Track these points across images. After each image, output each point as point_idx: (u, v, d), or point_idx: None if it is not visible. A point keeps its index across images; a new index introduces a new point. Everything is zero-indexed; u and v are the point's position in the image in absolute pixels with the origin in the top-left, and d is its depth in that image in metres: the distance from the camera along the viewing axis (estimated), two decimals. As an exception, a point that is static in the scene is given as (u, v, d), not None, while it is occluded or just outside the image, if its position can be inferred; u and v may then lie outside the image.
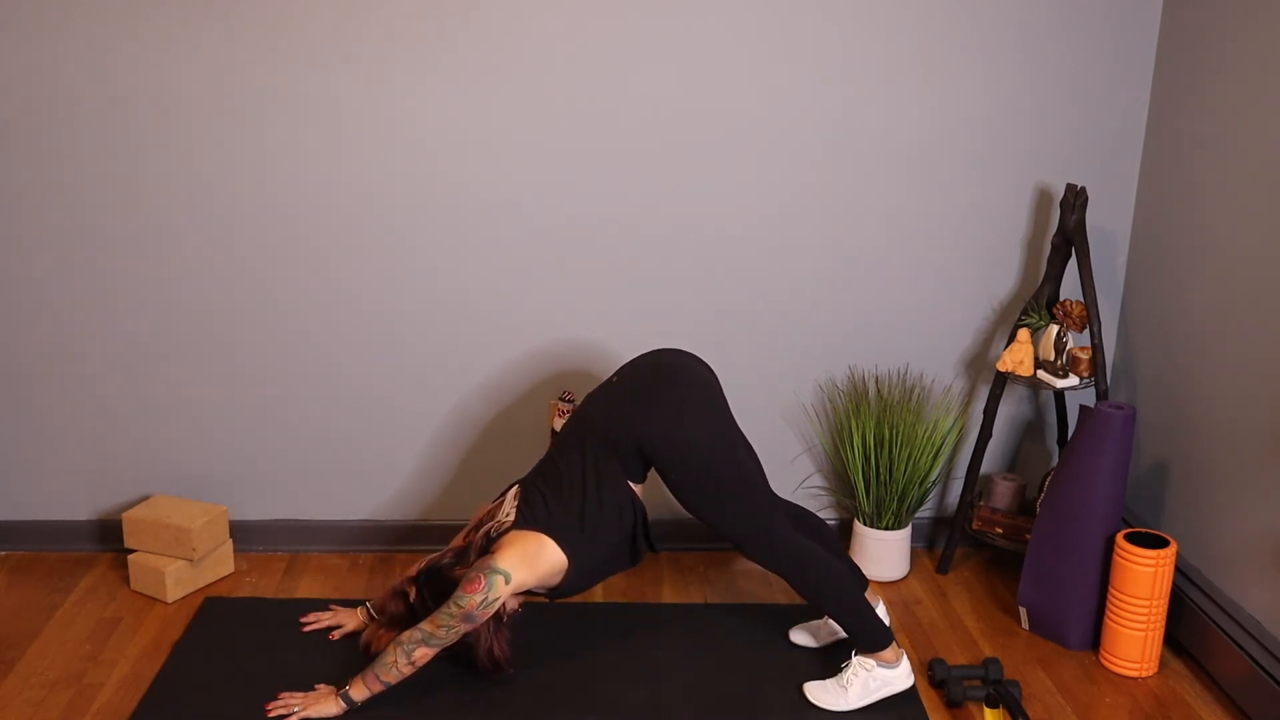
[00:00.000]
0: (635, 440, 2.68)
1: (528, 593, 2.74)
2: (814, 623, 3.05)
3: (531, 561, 2.65)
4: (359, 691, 2.67)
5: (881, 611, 2.99)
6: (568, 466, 2.74)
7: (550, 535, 2.68)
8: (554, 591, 2.74)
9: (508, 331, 3.38)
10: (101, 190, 3.21)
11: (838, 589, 2.75)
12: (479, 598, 2.58)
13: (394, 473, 3.48)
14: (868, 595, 2.99)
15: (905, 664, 2.78)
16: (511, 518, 2.73)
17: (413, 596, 2.79)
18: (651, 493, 3.42)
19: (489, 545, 2.71)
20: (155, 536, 3.23)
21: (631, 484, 2.74)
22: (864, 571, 3.41)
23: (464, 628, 2.61)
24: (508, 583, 2.61)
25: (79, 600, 3.23)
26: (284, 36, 3.11)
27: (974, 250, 3.39)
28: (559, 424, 3.19)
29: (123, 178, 3.20)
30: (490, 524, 2.76)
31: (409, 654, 2.62)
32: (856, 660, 2.77)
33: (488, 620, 2.68)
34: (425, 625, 2.62)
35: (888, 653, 2.76)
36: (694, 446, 2.65)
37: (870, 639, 2.76)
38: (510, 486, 2.85)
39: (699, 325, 3.40)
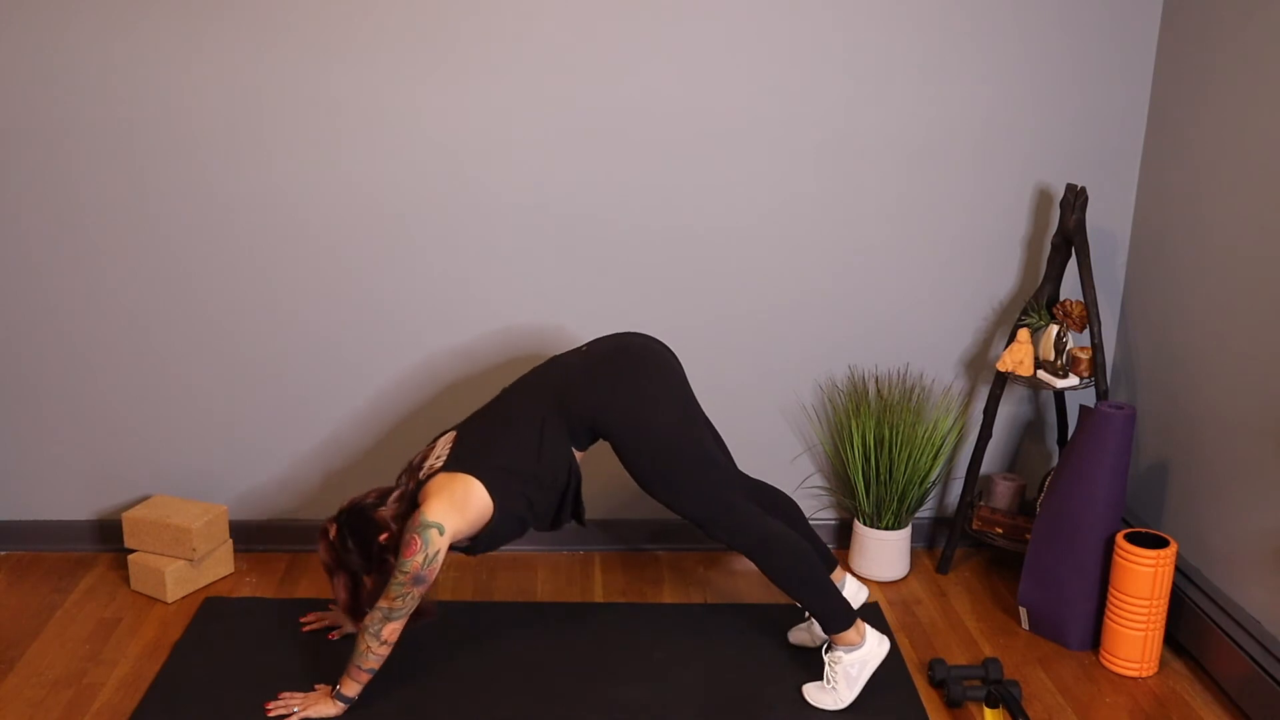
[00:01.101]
0: (591, 417, 2.69)
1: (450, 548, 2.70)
2: (812, 623, 3.05)
3: (460, 505, 2.61)
4: (349, 687, 2.67)
5: (853, 589, 3.00)
6: (512, 417, 2.72)
7: (478, 477, 2.64)
8: (475, 543, 2.69)
9: (509, 331, 3.38)
10: (102, 190, 3.21)
11: (800, 567, 2.73)
12: (420, 558, 2.56)
13: (394, 472, 3.48)
14: (837, 574, 3.02)
15: (872, 636, 2.77)
16: (443, 460, 2.70)
17: (332, 534, 2.73)
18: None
19: (418, 488, 2.68)
20: (155, 536, 3.23)
21: (575, 450, 2.74)
22: (864, 571, 3.41)
23: (419, 590, 2.58)
24: (443, 534, 2.57)
25: (79, 600, 3.23)
26: (285, 35, 3.11)
27: (974, 250, 3.39)
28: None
29: (123, 178, 3.20)
30: (421, 468, 2.73)
31: (378, 635, 2.61)
32: (828, 659, 2.78)
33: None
34: (382, 602, 2.60)
35: (850, 634, 2.74)
36: (653, 431, 2.66)
37: (833, 618, 2.74)
38: (445, 432, 2.84)
39: (699, 324, 3.40)
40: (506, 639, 3.03)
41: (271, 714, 2.69)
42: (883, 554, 3.39)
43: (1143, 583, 2.88)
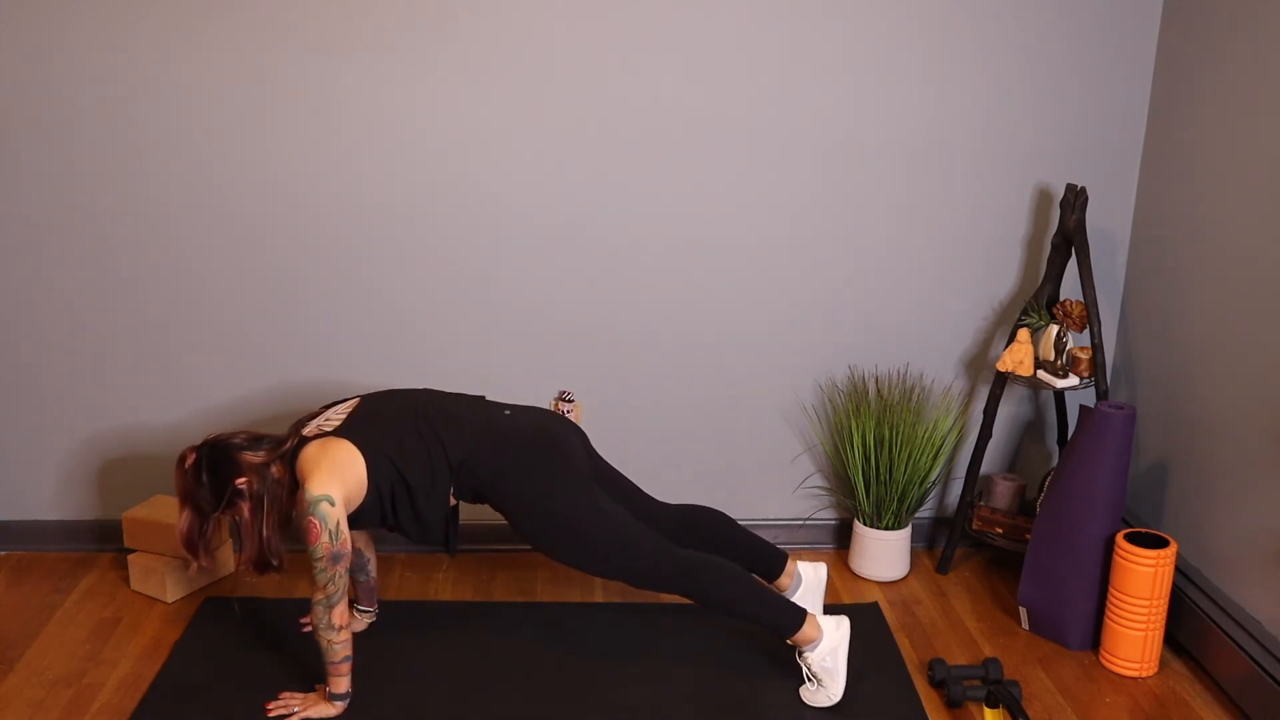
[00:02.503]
0: (488, 485, 2.70)
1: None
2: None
3: (340, 472, 2.57)
4: (336, 684, 2.67)
5: (810, 573, 2.99)
6: (420, 423, 2.70)
7: (362, 451, 2.62)
8: (352, 517, 2.66)
9: (510, 331, 3.38)
10: (102, 190, 3.21)
11: (728, 590, 2.72)
12: (325, 536, 2.53)
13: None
14: (801, 566, 3.00)
15: (826, 623, 2.75)
16: (333, 426, 2.68)
17: (188, 463, 2.64)
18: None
19: (299, 446, 2.64)
20: (155, 536, 3.23)
21: (453, 494, 2.75)
22: (864, 572, 3.41)
23: (341, 568, 2.56)
24: (334, 504, 2.54)
25: (79, 600, 3.23)
26: (285, 35, 3.11)
27: (974, 250, 3.39)
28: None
29: (125, 176, 3.20)
30: (307, 424, 2.71)
31: (329, 625, 2.60)
32: (800, 663, 2.77)
33: (254, 508, 2.62)
34: (316, 595, 2.58)
35: (807, 631, 2.73)
36: (551, 519, 2.68)
37: (781, 624, 2.73)
38: (349, 398, 2.83)
39: (699, 324, 3.40)
40: (506, 639, 3.03)
41: (271, 714, 2.69)
42: (883, 554, 3.39)
43: (1143, 583, 2.88)
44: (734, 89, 3.21)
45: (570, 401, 3.22)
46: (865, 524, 3.40)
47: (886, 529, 3.37)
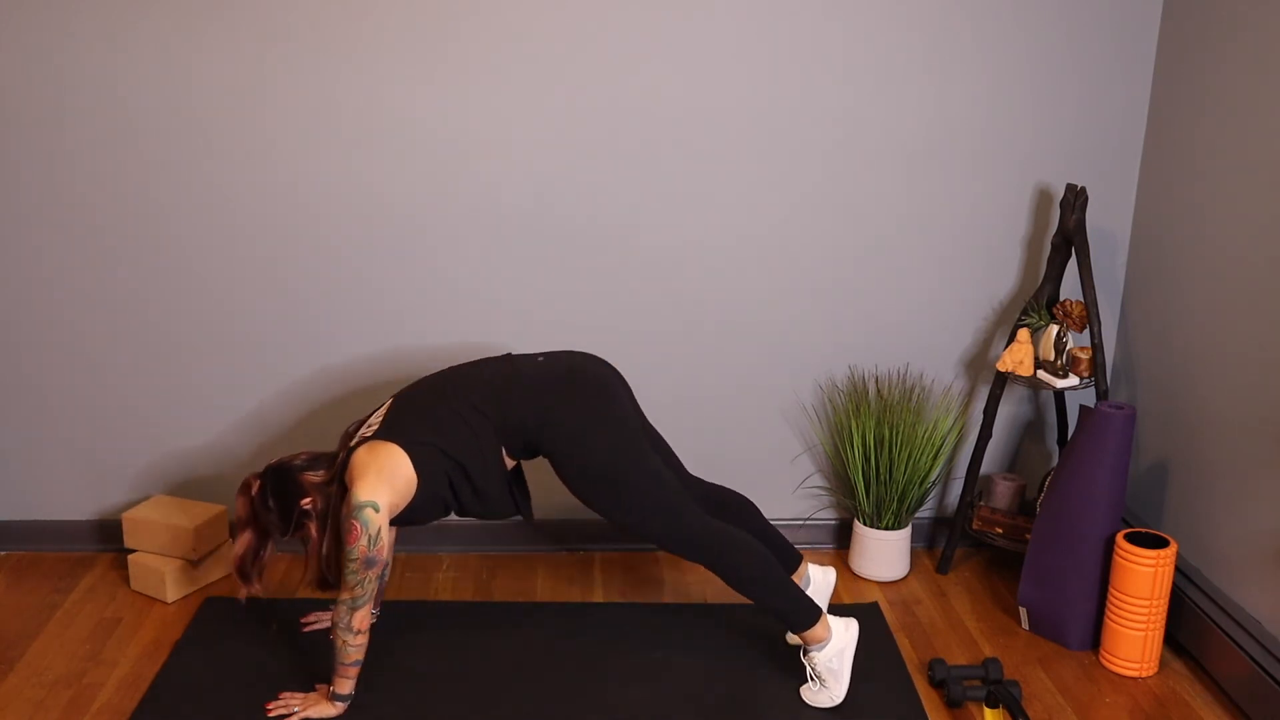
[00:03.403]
0: (532, 433, 2.67)
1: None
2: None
3: (388, 476, 2.58)
4: (341, 685, 2.67)
5: (819, 576, 3.00)
6: (453, 401, 2.69)
7: (404, 448, 2.62)
8: (399, 518, 2.67)
9: (510, 331, 3.38)
10: (102, 190, 3.21)
11: (755, 570, 2.72)
12: (364, 540, 2.53)
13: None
14: (813, 569, 3.01)
15: (836, 624, 2.76)
16: (374, 429, 2.68)
17: (254, 490, 2.69)
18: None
19: (347, 456, 2.65)
20: (155, 536, 3.23)
21: (506, 455, 2.73)
22: (864, 572, 3.41)
23: (373, 573, 2.56)
24: (378, 510, 2.54)
25: (79, 600, 3.23)
26: (285, 35, 3.11)
27: (974, 250, 3.39)
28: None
29: (123, 178, 3.20)
30: (355, 434, 2.72)
31: (349, 628, 2.60)
32: (805, 661, 2.77)
33: (321, 527, 2.64)
34: (343, 594, 2.58)
35: (817, 630, 2.73)
36: (595, 457, 2.65)
37: (796, 618, 2.73)
38: (385, 401, 2.82)
39: (699, 324, 3.40)
40: (506, 639, 3.03)
41: (271, 714, 2.69)
42: (883, 554, 3.39)
43: (1143, 583, 2.88)
44: (733, 90, 3.21)
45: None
46: (865, 524, 3.40)
47: (886, 529, 3.37)
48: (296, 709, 2.68)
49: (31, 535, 3.49)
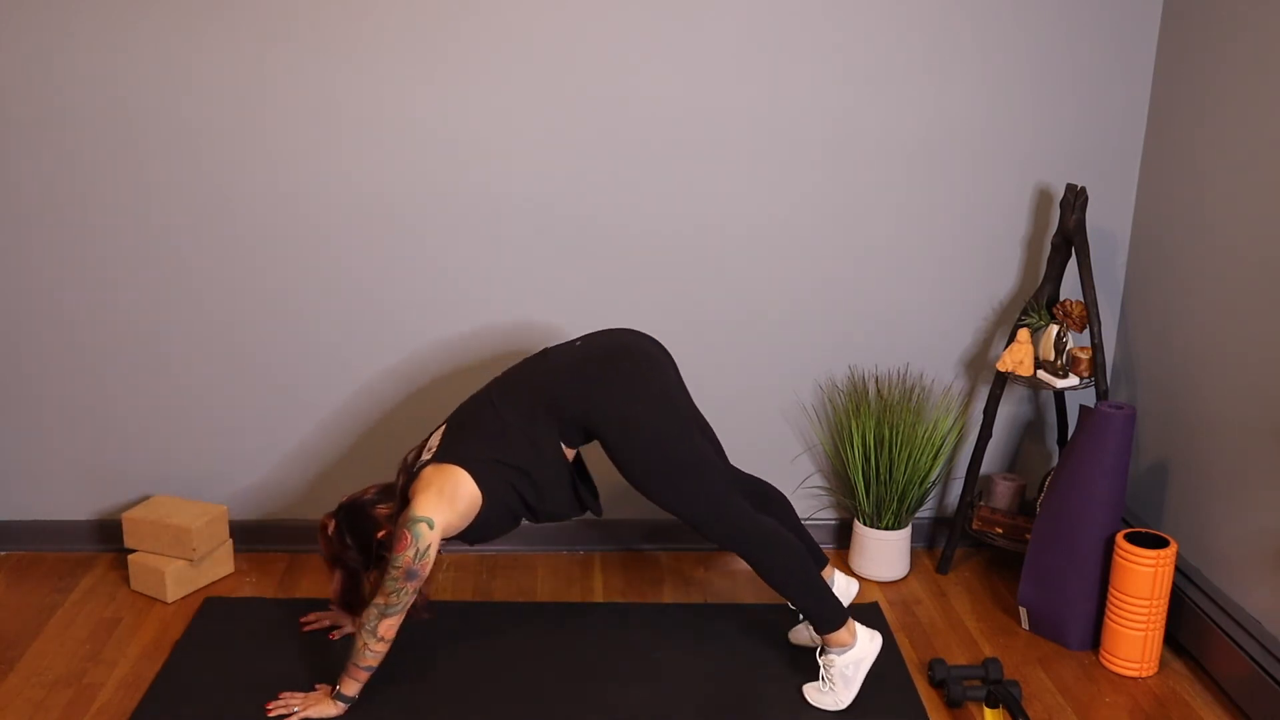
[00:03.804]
0: (582, 415, 2.67)
1: (449, 541, 2.69)
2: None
3: (450, 498, 2.59)
4: (349, 686, 2.67)
5: (842, 584, 3.01)
6: (501, 410, 2.70)
7: (465, 468, 2.63)
8: (468, 534, 2.69)
9: (510, 331, 3.38)
10: (101, 190, 3.21)
11: (794, 567, 2.73)
12: (411, 552, 2.54)
13: (394, 472, 3.48)
14: (827, 571, 3.03)
15: (862, 633, 2.77)
16: (433, 453, 2.70)
17: (330, 530, 2.73)
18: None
19: (410, 481, 2.67)
20: (155, 536, 3.23)
21: (565, 446, 2.73)
22: (864, 572, 3.41)
23: (412, 585, 2.57)
24: (433, 528, 2.56)
25: (79, 600, 3.23)
26: (285, 35, 3.11)
27: (974, 250, 3.39)
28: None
29: (123, 178, 3.20)
30: (415, 461, 2.73)
31: (374, 632, 2.61)
32: (822, 662, 2.77)
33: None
34: (378, 599, 2.59)
35: (843, 634, 2.74)
36: (647, 433, 2.64)
37: (825, 618, 2.73)
38: (439, 425, 2.84)
39: (699, 324, 3.40)
40: (506, 639, 3.03)
41: (271, 714, 2.69)
42: (883, 554, 3.39)
43: (1143, 583, 2.88)
44: (733, 89, 3.21)
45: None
46: (865, 524, 3.40)
47: (886, 529, 3.37)
48: (296, 709, 2.68)
49: (31, 535, 3.49)
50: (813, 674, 2.88)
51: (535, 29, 3.14)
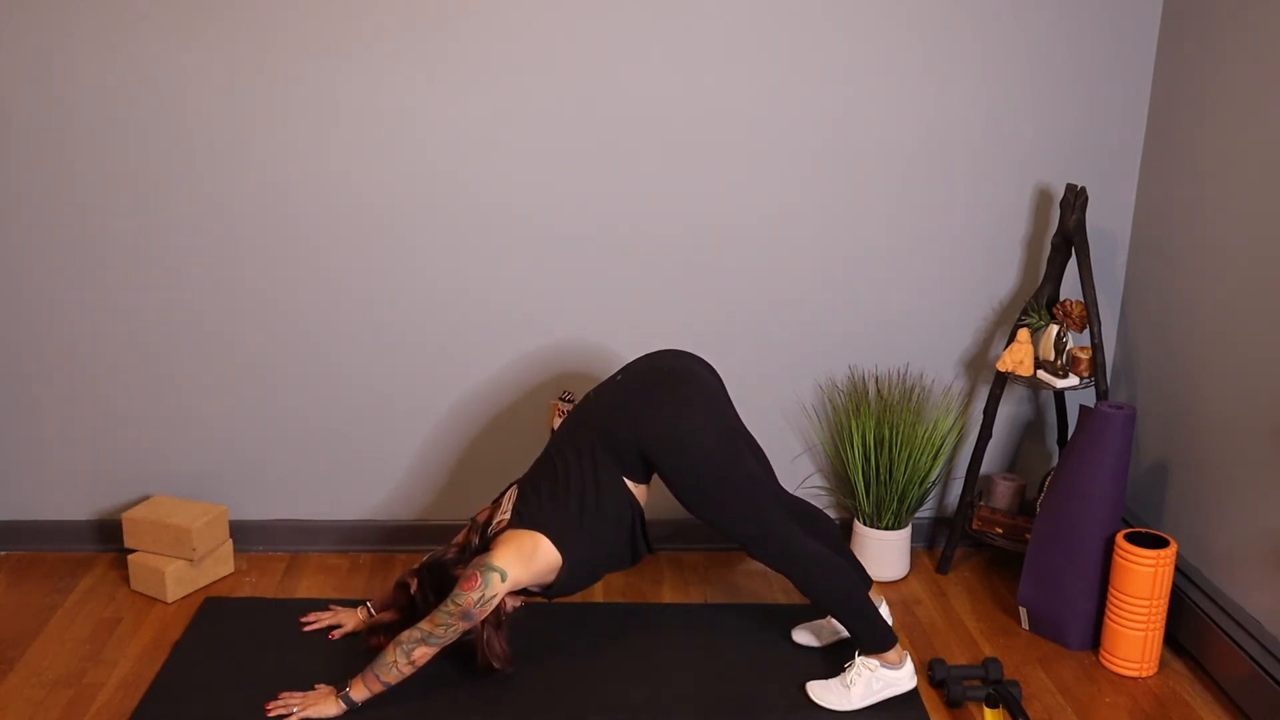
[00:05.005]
0: (636, 442, 2.67)
1: (525, 592, 2.74)
2: (816, 622, 3.05)
3: (527, 558, 2.64)
4: (359, 692, 2.67)
5: (885, 612, 2.99)
6: (565, 466, 2.73)
7: (545, 533, 2.67)
8: (549, 590, 2.74)
9: (507, 330, 3.38)
10: (101, 190, 3.21)
11: (844, 591, 2.75)
12: (475, 595, 2.58)
13: (394, 472, 3.48)
14: (873, 591, 3.00)
15: (909, 665, 2.78)
16: (508, 516, 2.73)
17: (413, 588, 2.81)
18: (653, 493, 3.41)
19: (486, 544, 2.72)
20: (155, 536, 3.23)
21: (630, 483, 2.73)
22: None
23: (462, 626, 2.61)
24: (504, 580, 2.60)
25: (79, 600, 3.23)
26: (284, 35, 3.11)
27: (974, 250, 3.39)
28: (559, 424, 3.19)
29: (123, 178, 3.20)
30: (489, 524, 2.77)
31: (409, 654, 2.62)
32: (860, 660, 2.77)
33: (486, 618, 2.68)
34: (424, 624, 2.62)
35: (891, 654, 2.76)
36: (696, 452, 2.64)
37: (875, 641, 2.75)
38: (509, 487, 2.85)
39: (699, 325, 3.40)
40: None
41: (271, 714, 2.69)
42: (883, 554, 3.39)
43: (1143, 583, 2.88)
44: (732, 90, 3.21)
45: (570, 401, 3.22)
46: (865, 524, 3.40)
47: (886, 529, 3.37)
48: (296, 709, 2.68)
49: (31, 535, 3.49)
50: (814, 673, 2.88)
51: (535, 29, 3.14)
